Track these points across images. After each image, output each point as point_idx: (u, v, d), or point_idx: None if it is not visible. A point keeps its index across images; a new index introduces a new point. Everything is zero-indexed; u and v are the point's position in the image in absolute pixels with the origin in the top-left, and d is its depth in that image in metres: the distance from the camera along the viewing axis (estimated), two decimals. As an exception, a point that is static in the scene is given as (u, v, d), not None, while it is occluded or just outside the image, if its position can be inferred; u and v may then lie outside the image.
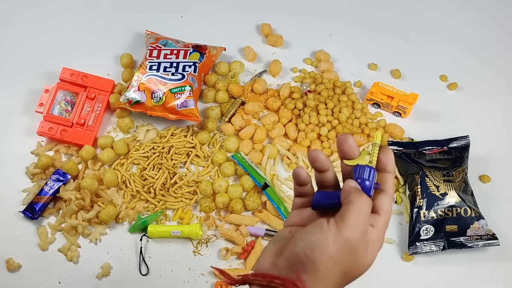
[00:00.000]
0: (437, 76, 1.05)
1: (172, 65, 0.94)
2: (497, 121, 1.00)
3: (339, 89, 0.99)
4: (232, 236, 0.84)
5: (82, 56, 1.01)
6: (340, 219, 0.40)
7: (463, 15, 1.14)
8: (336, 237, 0.39)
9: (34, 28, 1.05)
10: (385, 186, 0.43)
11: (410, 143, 0.94)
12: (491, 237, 0.83)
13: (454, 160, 0.90)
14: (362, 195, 0.41)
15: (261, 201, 0.88)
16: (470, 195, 0.87)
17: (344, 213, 0.40)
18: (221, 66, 1.01)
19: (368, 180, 0.42)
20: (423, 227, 0.84)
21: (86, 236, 0.84)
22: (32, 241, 0.84)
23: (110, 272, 0.82)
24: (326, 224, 0.40)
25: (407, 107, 0.96)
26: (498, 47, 1.10)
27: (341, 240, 0.39)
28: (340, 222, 0.39)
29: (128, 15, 1.09)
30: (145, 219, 0.84)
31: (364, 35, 1.10)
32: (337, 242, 0.39)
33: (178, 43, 0.98)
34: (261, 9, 1.12)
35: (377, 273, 0.83)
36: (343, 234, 0.39)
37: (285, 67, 1.04)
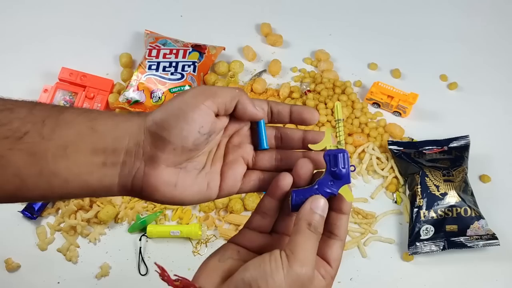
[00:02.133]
0: (437, 75, 1.05)
1: (171, 64, 0.94)
2: (497, 121, 1.00)
3: (339, 89, 0.99)
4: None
5: (81, 56, 1.01)
6: (290, 252, 0.37)
7: (463, 15, 1.14)
8: (289, 271, 0.37)
9: (33, 27, 1.05)
10: (337, 231, 0.40)
11: (410, 143, 0.93)
12: (491, 237, 0.83)
13: (454, 160, 0.90)
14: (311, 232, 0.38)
15: (260, 201, 0.88)
16: (470, 195, 0.87)
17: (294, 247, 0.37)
18: (221, 65, 1.00)
19: (344, 168, 0.40)
20: (423, 227, 0.84)
21: (85, 236, 0.84)
22: (31, 241, 0.84)
23: (109, 272, 0.82)
24: (279, 256, 0.37)
25: (407, 107, 0.96)
26: (498, 46, 1.10)
27: (293, 275, 0.36)
28: (290, 255, 0.37)
29: (127, 15, 1.09)
30: (144, 219, 0.84)
31: (364, 35, 1.10)
32: (289, 276, 0.36)
33: (177, 42, 0.98)
34: (261, 9, 1.12)
35: (377, 273, 0.83)
36: (294, 269, 0.36)
37: (284, 66, 1.03)
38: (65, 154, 0.36)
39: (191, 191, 0.40)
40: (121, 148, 0.37)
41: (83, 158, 0.36)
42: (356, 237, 0.86)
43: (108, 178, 0.38)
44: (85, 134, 0.36)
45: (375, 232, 0.87)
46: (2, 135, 0.34)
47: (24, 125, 0.35)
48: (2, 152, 0.34)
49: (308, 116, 0.42)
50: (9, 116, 0.35)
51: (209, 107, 0.38)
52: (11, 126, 0.35)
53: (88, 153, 0.37)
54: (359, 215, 0.88)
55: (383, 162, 0.93)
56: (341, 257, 0.41)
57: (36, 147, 0.35)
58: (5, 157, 0.34)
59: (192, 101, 0.38)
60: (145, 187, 0.38)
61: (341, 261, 0.83)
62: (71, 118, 0.37)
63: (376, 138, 0.95)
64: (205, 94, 0.38)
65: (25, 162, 0.35)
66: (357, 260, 0.84)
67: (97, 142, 0.37)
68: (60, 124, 0.36)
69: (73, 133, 0.36)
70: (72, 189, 0.37)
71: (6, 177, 0.35)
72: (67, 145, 0.36)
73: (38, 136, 0.35)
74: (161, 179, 0.38)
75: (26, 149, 0.35)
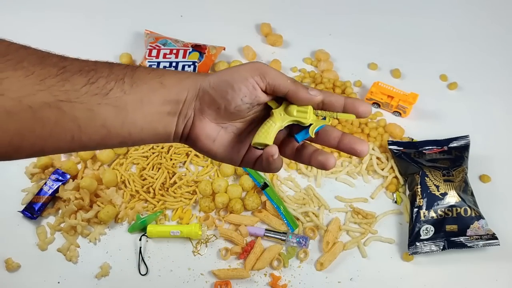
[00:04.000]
0: (437, 75, 1.05)
1: (172, 64, 0.94)
2: (497, 121, 1.00)
3: (339, 89, 0.99)
4: (232, 236, 0.84)
5: (81, 56, 1.01)
6: None
7: (463, 15, 1.14)
8: None
9: (33, 27, 1.05)
10: None
11: (410, 143, 0.93)
12: (491, 237, 0.83)
13: (454, 160, 0.90)
14: None
15: (260, 201, 0.88)
16: (470, 195, 0.87)
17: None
18: (221, 65, 1.00)
19: None
20: (423, 227, 0.84)
21: (85, 236, 0.84)
22: (31, 241, 0.84)
23: (109, 272, 0.82)
24: None
25: (407, 107, 0.96)
26: (498, 46, 1.10)
27: None
28: None
29: (128, 15, 1.09)
30: (144, 219, 0.84)
31: (364, 34, 1.10)
32: None
33: (177, 42, 0.98)
34: (261, 9, 1.12)
35: (377, 273, 0.83)
36: None
37: (284, 66, 1.04)
38: (141, 105, 0.42)
39: (225, 150, 0.46)
40: (181, 100, 0.43)
41: (155, 108, 0.42)
42: (356, 237, 0.86)
43: (170, 126, 0.44)
44: (156, 88, 0.42)
45: (375, 232, 0.87)
46: (92, 92, 0.39)
47: (108, 83, 0.40)
48: (92, 106, 0.39)
49: (364, 109, 0.45)
50: (96, 76, 0.40)
51: (256, 81, 0.43)
52: (98, 84, 0.40)
53: (159, 104, 0.43)
54: (359, 215, 0.88)
55: (383, 162, 0.93)
56: None
57: (119, 101, 0.41)
58: (95, 111, 0.40)
59: (243, 73, 0.43)
60: (191, 136, 0.45)
61: (341, 261, 0.83)
62: (143, 75, 0.42)
63: (376, 138, 0.95)
64: (257, 71, 0.43)
65: (111, 114, 0.40)
66: (357, 260, 0.84)
67: (165, 94, 0.43)
68: (136, 81, 0.42)
69: (147, 88, 0.42)
70: (145, 136, 0.43)
71: (95, 128, 0.40)
72: (143, 98, 0.42)
73: (120, 92, 0.41)
74: (204, 131, 0.45)
75: (111, 103, 0.40)
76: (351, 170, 0.92)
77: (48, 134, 0.39)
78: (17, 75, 0.36)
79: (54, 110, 0.38)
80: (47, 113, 0.38)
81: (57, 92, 0.38)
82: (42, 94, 0.37)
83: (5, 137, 0.37)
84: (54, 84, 0.38)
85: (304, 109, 0.44)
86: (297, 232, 0.85)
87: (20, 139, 0.38)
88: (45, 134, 0.38)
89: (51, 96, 0.37)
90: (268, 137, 0.44)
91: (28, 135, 0.38)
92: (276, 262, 0.83)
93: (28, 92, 0.37)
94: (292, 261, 0.83)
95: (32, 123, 0.37)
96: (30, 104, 0.37)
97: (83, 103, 0.39)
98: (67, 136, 0.40)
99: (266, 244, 0.84)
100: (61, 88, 0.38)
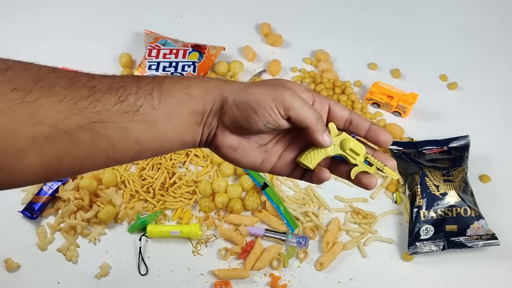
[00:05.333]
0: (437, 75, 1.05)
1: (171, 64, 0.94)
2: (497, 121, 1.00)
3: (339, 89, 0.99)
4: (232, 236, 0.84)
5: (81, 56, 1.01)
6: None
7: (463, 14, 1.14)
8: None
9: (33, 27, 1.05)
10: None
11: (410, 143, 0.93)
12: (491, 237, 0.83)
13: (454, 160, 0.90)
14: None
15: (260, 201, 0.88)
16: (470, 195, 0.87)
17: None
18: (220, 65, 1.00)
19: None
20: (423, 227, 0.84)
21: (85, 236, 0.84)
22: (31, 241, 0.84)
23: (109, 272, 0.82)
24: None
25: (407, 107, 0.96)
26: (498, 46, 1.10)
27: None
28: None
29: (127, 15, 1.09)
30: (144, 219, 0.84)
31: (364, 34, 1.10)
32: None
33: (177, 42, 0.98)
34: (261, 9, 1.12)
35: (377, 273, 0.83)
36: None
37: (284, 66, 1.04)
38: (171, 119, 0.43)
39: (247, 159, 0.47)
40: (207, 111, 0.44)
41: (183, 120, 0.44)
42: (356, 237, 0.86)
43: (197, 135, 0.45)
44: (183, 100, 0.43)
45: (375, 232, 0.87)
46: (123, 111, 0.40)
47: (138, 99, 0.41)
48: (124, 124, 0.40)
49: (384, 139, 0.46)
50: (125, 93, 0.41)
51: (280, 113, 0.43)
52: (128, 102, 0.41)
53: (187, 116, 0.44)
54: (359, 215, 0.88)
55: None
56: None
57: (150, 117, 0.42)
58: (127, 129, 0.41)
59: (268, 100, 0.43)
60: (213, 145, 0.47)
61: (341, 261, 0.83)
62: (170, 87, 0.43)
63: (376, 138, 0.95)
64: (282, 103, 0.43)
65: (143, 130, 0.42)
66: (357, 260, 0.84)
67: (193, 105, 0.44)
68: (164, 94, 0.43)
69: (175, 100, 0.43)
70: (174, 146, 0.45)
71: (128, 145, 0.42)
72: (172, 111, 0.43)
73: (150, 107, 0.42)
74: (225, 142, 0.46)
75: (142, 119, 0.41)
76: (351, 170, 0.92)
77: (84, 155, 0.40)
78: (52, 102, 0.38)
79: (88, 132, 0.39)
80: (82, 135, 0.39)
81: (90, 114, 0.39)
82: (76, 118, 0.38)
83: (44, 162, 0.39)
84: (86, 107, 0.39)
85: (358, 150, 0.46)
86: (297, 232, 0.85)
87: (59, 163, 0.39)
88: (81, 156, 0.40)
89: (84, 118, 0.39)
90: (313, 162, 0.46)
91: (66, 158, 0.39)
92: (276, 262, 0.83)
93: (63, 117, 0.38)
94: (292, 261, 0.83)
95: (68, 146, 0.39)
96: (66, 129, 0.38)
97: (115, 122, 0.40)
98: (102, 156, 0.41)
99: (266, 244, 0.84)
100: (93, 110, 0.39)
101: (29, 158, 0.38)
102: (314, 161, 0.46)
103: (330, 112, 0.48)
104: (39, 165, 0.38)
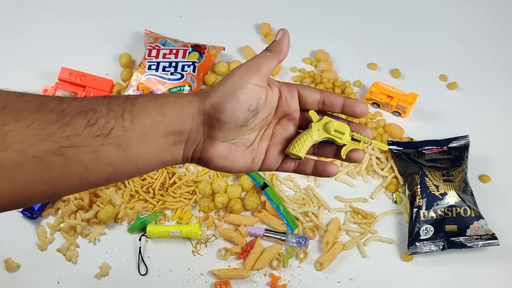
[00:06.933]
0: (437, 75, 1.05)
1: (171, 64, 0.94)
2: (497, 121, 1.00)
3: (339, 89, 0.99)
4: (231, 236, 0.84)
5: (81, 56, 1.01)
6: None
7: (463, 14, 1.14)
8: None
9: (32, 27, 1.05)
10: None
11: (410, 143, 0.93)
12: (490, 237, 0.83)
13: (453, 160, 0.90)
14: None
15: (260, 201, 0.88)
16: (470, 195, 0.87)
17: None
18: (220, 65, 1.00)
19: None
20: (422, 227, 0.84)
21: (85, 236, 0.84)
22: (31, 241, 0.84)
23: (109, 272, 0.82)
24: None
25: (406, 107, 0.96)
26: (498, 46, 1.09)
27: None
28: None
29: (127, 15, 1.09)
30: (144, 219, 0.84)
31: (364, 34, 1.10)
32: None
33: (177, 42, 0.98)
34: (261, 9, 1.11)
35: (376, 273, 0.83)
36: None
37: (284, 66, 1.03)
38: (145, 140, 0.42)
39: (239, 163, 0.47)
40: (186, 129, 0.44)
41: (159, 140, 0.43)
42: (355, 237, 0.86)
43: (177, 153, 0.45)
44: (157, 120, 0.42)
45: (374, 232, 0.87)
46: (94, 134, 0.40)
47: (108, 122, 0.40)
48: (96, 148, 0.40)
49: (360, 110, 0.47)
50: (95, 116, 0.40)
51: (256, 83, 0.43)
52: (98, 125, 0.40)
53: (162, 136, 0.43)
54: (358, 215, 0.88)
55: (383, 162, 0.93)
56: None
57: (122, 139, 0.41)
58: (99, 152, 0.40)
59: (240, 82, 0.43)
60: (202, 158, 0.46)
61: (341, 261, 0.83)
62: (143, 107, 0.42)
63: (375, 138, 0.95)
64: (250, 72, 0.44)
65: (115, 153, 0.41)
66: (357, 260, 0.84)
67: (168, 125, 0.43)
68: (136, 115, 0.42)
69: (148, 121, 0.42)
70: (152, 166, 0.44)
71: (102, 167, 0.41)
72: (146, 132, 0.42)
73: (121, 130, 0.41)
74: (216, 152, 0.46)
75: (114, 142, 0.41)
76: (351, 170, 0.92)
77: (57, 179, 0.39)
78: (19, 127, 0.37)
79: (59, 156, 0.38)
80: (52, 160, 0.38)
81: (59, 139, 0.38)
82: (44, 143, 0.38)
83: (16, 188, 0.38)
84: (55, 131, 0.38)
85: (342, 129, 0.47)
86: (296, 232, 0.85)
87: (31, 188, 0.39)
88: (53, 180, 0.39)
89: (54, 143, 0.38)
90: (302, 150, 0.46)
91: (38, 183, 0.39)
92: (275, 262, 0.83)
93: (31, 143, 0.37)
94: (291, 261, 0.83)
95: (39, 171, 0.38)
96: (35, 154, 0.37)
97: (87, 146, 0.39)
98: (75, 179, 0.40)
99: (266, 244, 0.84)
100: (63, 135, 0.38)
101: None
102: (303, 150, 0.46)
103: (300, 98, 0.48)
104: (10, 191, 0.38)
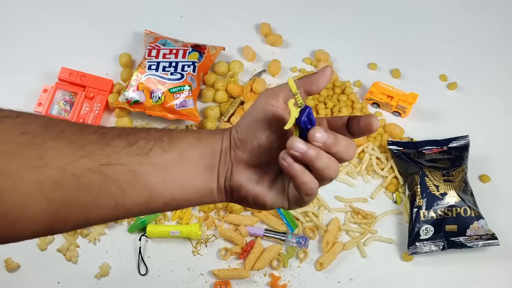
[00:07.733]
0: (436, 76, 1.05)
1: (171, 64, 0.94)
2: (497, 121, 1.00)
3: (339, 89, 0.99)
4: (232, 236, 0.84)
5: (81, 56, 1.01)
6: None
7: (463, 14, 1.14)
8: None
9: (32, 27, 1.05)
10: None
11: (410, 143, 0.93)
12: (490, 237, 0.83)
13: (453, 160, 0.90)
14: None
15: (260, 201, 0.88)
16: (470, 195, 0.87)
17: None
18: (220, 65, 1.00)
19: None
20: (422, 227, 0.84)
21: (85, 236, 0.84)
22: (31, 241, 0.83)
23: (109, 272, 0.82)
24: None
25: (406, 107, 0.96)
26: (498, 46, 1.09)
27: None
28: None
29: (127, 15, 1.09)
30: (144, 219, 0.84)
31: (364, 34, 1.09)
32: None
33: (177, 42, 0.98)
34: (261, 9, 1.11)
35: (376, 273, 0.83)
36: None
37: (284, 66, 1.03)
38: (181, 162, 0.42)
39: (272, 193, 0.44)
40: (217, 151, 0.44)
41: (193, 163, 0.43)
42: (355, 237, 0.86)
43: (211, 180, 0.44)
44: (193, 143, 0.43)
45: (374, 232, 0.87)
46: (133, 153, 0.40)
47: (148, 143, 0.41)
48: (134, 167, 0.40)
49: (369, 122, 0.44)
50: (135, 138, 0.41)
51: (273, 104, 0.43)
52: (138, 145, 0.41)
53: (197, 159, 0.43)
54: (358, 215, 0.88)
55: (383, 162, 0.93)
56: None
57: (159, 160, 0.41)
58: (136, 171, 0.40)
59: (260, 105, 0.43)
60: (233, 186, 0.44)
61: (341, 261, 0.83)
62: (181, 133, 0.44)
63: (375, 138, 0.95)
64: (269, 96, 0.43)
65: (152, 173, 0.41)
66: (357, 260, 0.84)
67: (202, 148, 0.43)
68: (174, 139, 0.43)
69: (184, 144, 0.43)
70: (187, 194, 0.43)
71: (138, 189, 0.40)
72: (182, 154, 0.42)
73: (160, 150, 0.41)
74: (245, 176, 0.43)
75: (152, 162, 0.41)
76: (351, 170, 0.92)
77: (93, 201, 0.39)
78: (59, 144, 0.37)
79: (97, 175, 0.38)
80: (91, 178, 0.38)
81: (98, 156, 0.38)
82: (84, 160, 0.38)
83: (51, 208, 0.37)
84: (95, 150, 0.38)
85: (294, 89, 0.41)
86: (296, 232, 0.85)
87: (66, 210, 0.38)
88: (89, 201, 0.39)
89: (93, 161, 0.38)
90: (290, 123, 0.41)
91: (73, 205, 0.38)
92: (275, 262, 0.83)
93: (71, 160, 0.37)
94: (291, 261, 0.83)
95: (76, 191, 0.38)
96: (74, 172, 0.37)
97: (125, 164, 0.39)
98: (111, 202, 0.40)
99: (266, 244, 0.84)
100: (102, 152, 0.39)
101: (36, 204, 0.36)
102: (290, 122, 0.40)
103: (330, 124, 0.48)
104: (45, 212, 0.37)
